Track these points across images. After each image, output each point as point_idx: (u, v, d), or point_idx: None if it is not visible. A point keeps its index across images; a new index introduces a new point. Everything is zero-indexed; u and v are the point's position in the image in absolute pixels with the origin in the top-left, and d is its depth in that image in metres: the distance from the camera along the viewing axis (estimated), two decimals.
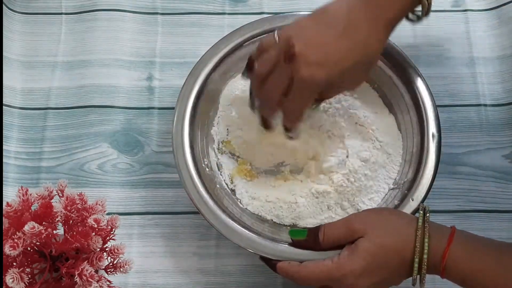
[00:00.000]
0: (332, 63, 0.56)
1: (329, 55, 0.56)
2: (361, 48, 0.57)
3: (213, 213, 0.61)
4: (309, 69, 0.56)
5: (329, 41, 0.56)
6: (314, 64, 0.56)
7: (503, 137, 0.72)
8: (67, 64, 0.76)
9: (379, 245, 0.54)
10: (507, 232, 0.68)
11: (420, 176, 0.62)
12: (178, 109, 0.65)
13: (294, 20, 0.60)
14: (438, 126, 0.64)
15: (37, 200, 0.57)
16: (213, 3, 0.80)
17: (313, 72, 0.56)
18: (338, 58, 0.56)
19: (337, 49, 0.56)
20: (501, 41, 0.77)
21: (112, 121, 0.73)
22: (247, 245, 0.59)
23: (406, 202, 0.61)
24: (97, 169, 0.71)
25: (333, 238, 0.57)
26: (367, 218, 0.57)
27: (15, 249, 0.51)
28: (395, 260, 0.54)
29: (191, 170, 0.63)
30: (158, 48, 0.77)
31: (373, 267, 0.54)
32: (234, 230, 0.60)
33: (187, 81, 0.67)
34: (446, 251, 0.53)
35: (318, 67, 0.56)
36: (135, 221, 0.68)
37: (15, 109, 0.74)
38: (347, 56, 0.56)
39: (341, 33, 0.56)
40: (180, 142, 0.64)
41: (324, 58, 0.56)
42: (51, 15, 0.79)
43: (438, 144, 0.63)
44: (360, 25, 0.56)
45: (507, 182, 0.70)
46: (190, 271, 0.66)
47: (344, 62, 0.56)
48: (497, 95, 0.75)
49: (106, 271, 0.58)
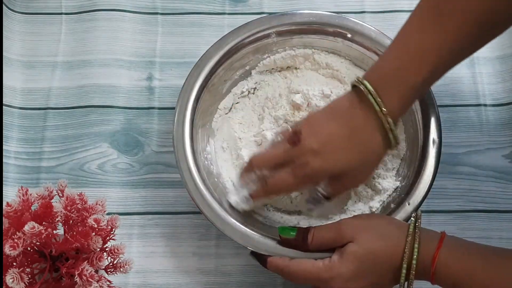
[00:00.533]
0: (330, 154, 0.57)
1: (328, 145, 0.57)
2: (362, 149, 0.57)
3: (214, 212, 0.61)
4: (308, 156, 0.57)
5: (332, 132, 0.57)
6: (314, 152, 0.56)
7: (503, 137, 0.72)
8: (67, 64, 0.76)
9: (368, 250, 0.54)
10: (507, 232, 0.68)
11: (418, 181, 0.62)
12: (179, 107, 0.65)
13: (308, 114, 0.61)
14: (439, 132, 0.64)
15: (37, 200, 0.57)
16: (213, 3, 0.80)
17: (311, 159, 0.56)
18: (337, 150, 0.57)
19: (339, 143, 0.57)
20: (501, 41, 0.77)
21: (112, 121, 0.73)
22: (248, 243, 0.59)
23: (403, 206, 0.61)
24: (97, 169, 0.71)
25: (321, 240, 0.57)
26: (356, 223, 0.57)
27: (15, 249, 0.51)
28: (384, 265, 0.54)
29: (192, 168, 0.63)
30: (158, 48, 0.77)
31: (361, 272, 0.54)
32: (235, 229, 0.60)
33: (187, 80, 0.67)
34: (436, 254, 0.52)
35: (316, 155, 0.56)
36: (135, 221, 0.68)
37: (15, 109, 0.74)
38: (346, 151, 0.57)
39: (344, 128, 0.57)
40: (181, 138, 0.64)
41: (323, 148, 0.56)
42: (51, 15, 0.79)
43: (438, 149, 0.63)
44: (360, 126, 0.56)
45: (507, 182, 0.70)
46: (190, 271, 0.66)
47: (343, 155, 0.57)
48: (497, 95, 0.75)
49: (106, 271, 0.58)
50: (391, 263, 0.54)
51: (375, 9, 0.80)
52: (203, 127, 0.68)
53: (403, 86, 0.55)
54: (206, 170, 0.65)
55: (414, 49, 0.54)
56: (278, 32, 0.70)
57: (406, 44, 0.55)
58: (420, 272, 0.53)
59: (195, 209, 0.68)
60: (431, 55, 0.54)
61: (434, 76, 0.56)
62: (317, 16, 0.70)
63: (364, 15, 0.79)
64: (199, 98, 0.66)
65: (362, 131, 0.56)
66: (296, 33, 0.70)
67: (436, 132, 0.64)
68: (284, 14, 0.70)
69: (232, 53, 0.69)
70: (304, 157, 0.57)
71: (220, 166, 0.68)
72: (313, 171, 0.57)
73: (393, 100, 0.55)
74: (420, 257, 0.53)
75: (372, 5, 0.80)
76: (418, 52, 0.54)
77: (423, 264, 0.53)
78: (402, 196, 0.62)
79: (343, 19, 0.70)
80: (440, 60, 0.54)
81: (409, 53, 0.55)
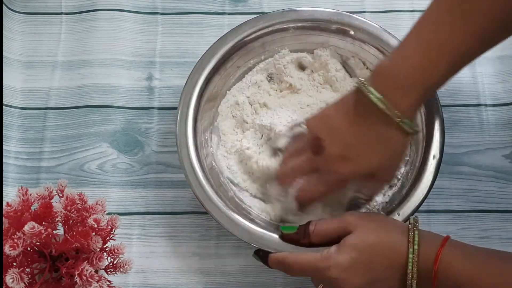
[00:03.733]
0: (357, 157, 0.56)
1: (352, 149, 0.56)
2: (386, 145, 0.56)
3: (220, 210, 0.61)
4: (335, 163, 0.57)
5: (354, 135, 0.56)
6: (340, 158, 0.57)
7: (504, 137, 0.72)
8: (67, 64, 0.76)
9: (367, 244, 0.54)
10: (507, 232, 0.68)
11: (412, 193, 0.62)
12: (182, 104, 0.66)
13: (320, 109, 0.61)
14: (441, 147, 0.63)
15: (37, 200, 0.57)
16: (213, 3, 0.80)
17: (340, 166, 0.57)
18: (362, 152, 0.56)
19: (363, 145, 0.56)
20: (502, 42, 0.77)
21: (112, 121, 0.73)
22: (254, 241, 0.60)
23: (392, 216, 0.61)
24: (97, 169, 0.71)
25: (324, 230, 0.57)
26: (359, 216, 0.57)
27: (15, 249, 0.51)
28: (384, 262, 0.54)
29: (195, 166, 0.63)
30: (158, 48, 0.77)
31: (359, 264, 0.53)
32: (240, 226, 0.60)
33: (190, 78, 0.67)
34: (438, 254, 0.52)
35: (343, 161, 0.56)
36: (135, 221, 0.68)
37: (15, 109, 0.74)
38: (371, 150, 0.56)
39: (363, 128, 0.56)
40: (183, 133, 0.64)
41: (348, 152, 0.56)
42: (51, 15, 0.79)
43: (437, 165, 0.63)
44: (378, 125, 0.55)
45: (508, 182, 0.70)
46: (190, 271, 0.66)
47: (369, 155, 0.56)
48: (497, 95, 0.75)
49: (106, 271, 0.58)
50: (391, 261, 0.53)
51: (376, 9, 0.80)
52: (207, 123, 0.68)
53: (418, 86, 0.54)
54: (209, 167, 0.65)
55: (429, 49, 0.53)
56: (296, 27, 0.70)
57: (420, 43, 0.54)
58: (422, 274, 0.52)
59: (195, 209, 0.68)
60: (448, 55, 0.53)
61: (448, 75, 0.55)
62: (332, 14, 0.70)
63: (364, 15, 0.79)
64: (202, 95, 0.67)
65: (380, 130, 0.55)
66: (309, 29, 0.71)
67: (438, 148, 0.63)
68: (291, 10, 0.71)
69: (236, 49, 0.69)
70: (333, 165, 0.57)
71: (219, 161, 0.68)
72: (344, 176, 0.57)
73: (405, 101, 0.54)
74: (422, 258, 0.52)
75: (373, 5, 0.80)
76: (434, 52, 0.53)
77: (425, 265, 0.52)
78: (393, 206, 0.62)
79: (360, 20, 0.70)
80: (456, 60, 0.54)
81: (424, 52, 0.53)
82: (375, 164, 0.57)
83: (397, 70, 0.54)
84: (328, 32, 0.70)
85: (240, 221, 0.60)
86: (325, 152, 0.57)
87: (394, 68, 0.54)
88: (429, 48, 0.53)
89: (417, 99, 0.54)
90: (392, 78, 0.54)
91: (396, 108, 0.54)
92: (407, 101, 0.54)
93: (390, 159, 0.58)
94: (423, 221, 0.67)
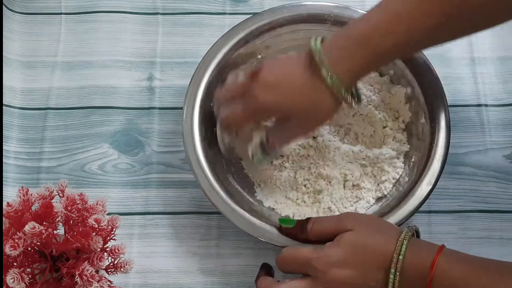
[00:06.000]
0: (282, 91, 0.57)
1: (283, 84, 0.57)
2: (315, 96, 0.57)
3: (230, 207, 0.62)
4: (260, 89, 0.58)
5: (291, 74, 0.58)
6: (267, 86, 0.57)
7: (504, 137, 0.72)
8: (67, 65, 0.76)
9: (363, 242, 0.54)
10: (508, 233, 0.68)
11: (405, 200, 0.62)
12: (187, 100, 0.66)
13: None
14: (439, 175, 0.63)
15: (38, 200, 0.56)
16: (214, 3, 0.80)
17: (262, 93, 0.57)
18: (289, 89, 0.57)
19: (293, 85, 0.57)
20: (503, 42, 0.77)
21: (113, 122, 0.73)
22: (267, 238, 0.60)
23: (392, 215, 0.61)
24: (98, 170, 0.71)
25: (321, 229, 0.57)
26: (358, 216, 0.58)
27: (15, 249, 0.51)
28: (373, 263, 0.53)
29: (202, 163, 0.63)
30: (159, 48, 0.77)
31: (350, 261, 0.53)
32: (254, 224, 0.61)
33: (193, 78, 0.67)
34: (435, 258, 0.51)
35: (268, 89, 0.57)
36: (135, 221, 0.68)
37: (15, 109, 0.74)
38: (299, 93, 0.57)
39: (302, 75, 0.57)
40: (190, 129, 0.65)
41: (277, 84, 0.57)
42: (50, 15, 0.79)
43: (441, 166, 0.63)
44: (313, 79, 0.57)
45: (508, 182, 0.70)
46: (190, 271, 0.66)
47: (294, 95, 0.57)
48: (498, 95, 0.75)
49: (106, 271, 0.58)
50: (378, 261, 0.53)
51: None
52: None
53: (363, 51, 0.55)
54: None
55: (387, 19, 0.55)
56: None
57: (380, 12, 0.56)
58: (417, 279, 0.52)
59: (196, 209, 0.68)
60: (403, 27, 0.54)
61: (401, 48, 0.56)
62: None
63: None
64: (207, 93, 0.67)
65: (316, 83, 0.56)
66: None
67: (435, 178, 0.63)
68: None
69: (242, 45, 0.69)
70: (257, 90, 0.58)
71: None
72: (261, 105, 0.58)
73: (345, 63, 0.55)
74: (411, 267, 0.52)
75: (373, 4, 0.79)
76: (388, 21, 0.54)
77: (421, 271, 0.52)
78: (385, 212, 0.62)
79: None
80: (412, 34, 0.54)
81: (378, 20, 0.55)
82: (296, 108, 0.58)
83: (348, 32, 0.56)
84: (329, 25, 0.70)
85: (252, 219, 0.61)
86: (259, 76, 0.58)
87: (347, 31, 0.57)
88: (387, 18, 0.55)
89: (360, 65, 0.56)
90: (340, 40, 0.56)
91: (335, 70, 0.55)
92: (347, 63, 0.55)
93: (313, 112, 0.58)
94: (423, 221, 0.68)
